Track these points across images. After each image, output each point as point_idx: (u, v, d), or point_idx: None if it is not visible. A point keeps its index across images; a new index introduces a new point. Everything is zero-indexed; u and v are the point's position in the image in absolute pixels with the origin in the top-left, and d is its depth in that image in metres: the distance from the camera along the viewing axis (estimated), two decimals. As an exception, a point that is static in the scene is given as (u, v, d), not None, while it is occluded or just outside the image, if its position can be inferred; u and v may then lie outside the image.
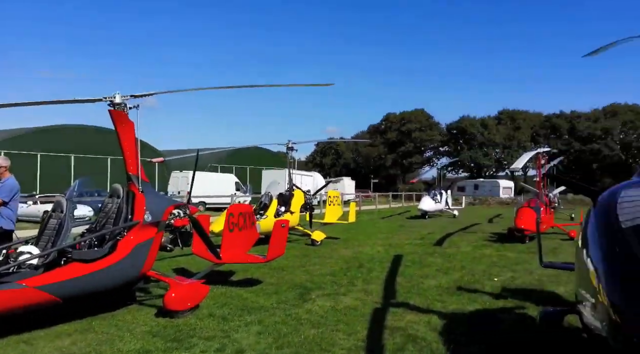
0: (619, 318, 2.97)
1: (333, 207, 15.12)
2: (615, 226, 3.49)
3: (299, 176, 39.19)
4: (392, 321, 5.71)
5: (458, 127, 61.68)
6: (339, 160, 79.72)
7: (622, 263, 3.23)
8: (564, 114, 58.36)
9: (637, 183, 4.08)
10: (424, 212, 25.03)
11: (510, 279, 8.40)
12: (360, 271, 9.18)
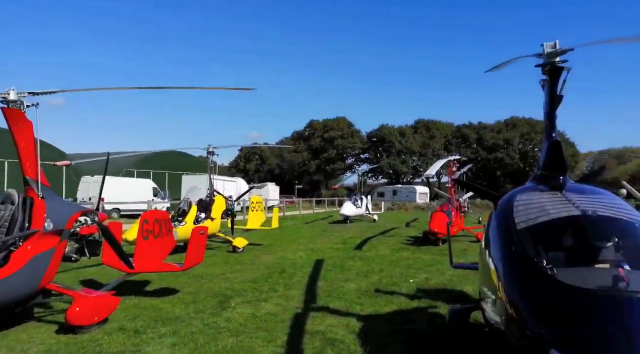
0: (515, 313, 3.24)
1: (256, 213, 14.93)
2: (511, 227, 3.81)
3: (222, 181, 38.26)
4: (312, 325, 5.74)
5: (378, 135, 64.13)
6: (262, 166, 79.10)
7: (517, 262, 3.54)
8: (472, 125, 63.21)
9: (530, 188, 4.50)
10: (346, 217, 25.64)
11: (424, 280, 8.84)
12: (282, 276, 9.14)
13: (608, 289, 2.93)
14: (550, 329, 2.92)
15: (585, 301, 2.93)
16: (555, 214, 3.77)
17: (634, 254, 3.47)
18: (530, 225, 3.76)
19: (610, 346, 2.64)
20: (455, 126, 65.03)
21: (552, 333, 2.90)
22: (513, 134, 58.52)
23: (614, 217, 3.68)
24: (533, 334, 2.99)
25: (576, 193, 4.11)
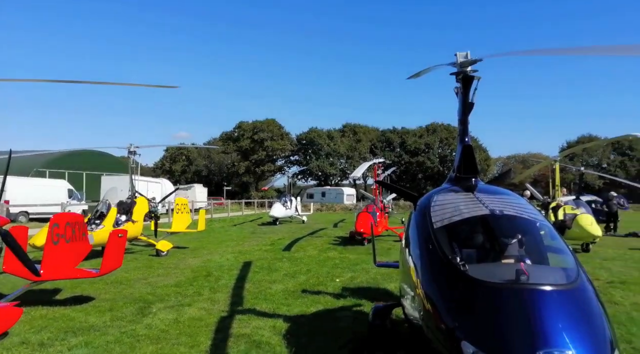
0: (431, 308, 3.43)
1: (181, 215, 14.39)
2: (428, 226, 4.03)
3: (145, 182, 36.46)
4: (238, 328, 5.66)
5: (307, 137, 64.71)
6: (190, 167, 76.49)
7: (432, 259, 3.75)
8: (396, 129, 65.97)
9: (446, 189, 4.79)
10: (275, 218, 25.55)
11: (350, 279, 9.05)
12: (207, 280, 8.90)
13: (512, 283, 3.18)
14: (462, 323, 3.12)
15: (492, 294, 3.18)
16: (467, 213, 4.04)
17: (534, 250, 3.83)
18: (444, 224, 4.00)
19: (516, 335, 2.87)
20: (380, 131, 67.40)
21: (463, 326, 3.10)
22: (433, 138, 61.89)
23: (518, 216, 4.03)
24: (447, 328, 3.18)
25: (486, 194, 4.45)
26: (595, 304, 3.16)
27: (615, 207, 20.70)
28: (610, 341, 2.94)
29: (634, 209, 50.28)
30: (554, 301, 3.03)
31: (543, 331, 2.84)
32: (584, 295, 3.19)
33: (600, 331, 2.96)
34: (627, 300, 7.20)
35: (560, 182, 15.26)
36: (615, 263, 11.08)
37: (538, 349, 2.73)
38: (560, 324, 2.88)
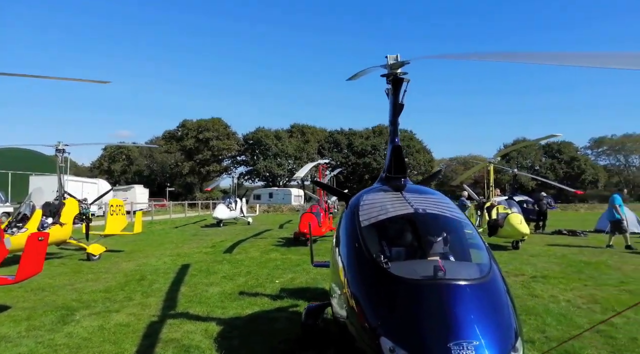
0: (355, 306, 3.47)
1: (116, 217, 13.72)
2: (355, 225, 4.08)
3: (80, 183, 34.54)
4: (167, 333, 5.45)
5: (254, 137, 63.99)
6: (130, 166, 73.31)
7: (357, 258, 3.79)
8: (343, 131, 66.84)
9: (376, 188, 4.88)
10: (219, 220, 25.02)
11: (290, 280, 9.00)
12: (140, 284, 8.53)
13: (429, 279, 3.28)
14: (381, 319, 3.18)
15: (409, 290, 3.26)
16: (393, 212, 4.13)
17: (453, 247, 3.98)
18: (371, 223, 4.07)
19: (429, 328, 2.96)
20: (328, 132, 68.00)
21: (382, 322, 3.16)
22: (379, 140, 63.28)
23: (440, 215, 4.17)
24: (368, 324, 3.22)
25: (413, 193, 4.57)
26: (503, 297, 3.32)
27: (544, 207, 22.07)
28: (515, 330, 3.10)
29: (562, 208, 54.13)
30: (465, 295, 3.15)
31: (454, 323, 2.95)
32: (494, 288, 3.34)
33: (506, 321, 3.11)
34: (547, 293, 7.69)
35: (496, 183, 16.11)
36: (540, 259, 11.81)
37: (449, 340, 2.83)
38: (470, 316, 3.00)
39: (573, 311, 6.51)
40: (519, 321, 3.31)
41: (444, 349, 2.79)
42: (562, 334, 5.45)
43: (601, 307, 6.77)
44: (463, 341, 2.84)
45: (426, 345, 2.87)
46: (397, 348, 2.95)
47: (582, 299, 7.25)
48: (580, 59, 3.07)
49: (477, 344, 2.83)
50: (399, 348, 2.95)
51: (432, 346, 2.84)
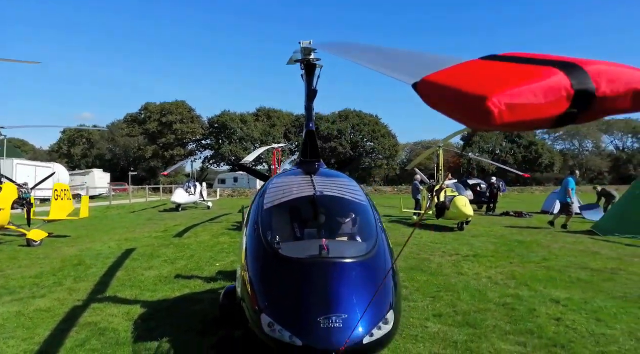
0: (249, 286, 3.60)
1: (61, 201, 13.39)
2: (258, 207, 4.21)
3: (33, 167, 33.29)
4: (88, 317, 5.48)
5: (219, 121, 62.97)
6: (91, 150, 71.00)
7: (254, 239, 3.93)
8: (310, 115, 66.66)
9: (289, 172, 5.03)
10: (177, 204, 24.77)
11: (230, 263, 9.09)
12: (76, 269, 8.45)
13: (313, 258, 3.45)
14: (264, 297, 3.34)
15: (292, 269, 3.43)
16: (294, 195, 4.28)
17: (345, 227, 4.17)
18: (272, 205, 4.21)
19: (303, 304, 3.14)
20: (294, 115, 67.65)
21: (264, 299, 3.32)
22: (345, 125, 63.53)
23: (340, 197, 4.35)
24: (254, 302, 3.38)
25: (323, 177, 4.73)
26: (382, 273, 3.53)
27: (495, 190, 22.92)
28: (390, 303, 3.31)
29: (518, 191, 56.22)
30: (342, 272, 3.35)
31: (326, 298, 3.14)
32: (373, 265, 3.54)
33: (379, 295, 3.30)
34: (472, 271, 8.10)
35: (457, 167, 16.52)
36: (479, 239, 12.34)
37: (319, 314, 3.02)
38: (342, 292, 3.20)
39: (489, 287, 6.91)
40: (397, 295, 3.54)
41: (314, 322, 2.98)
42: (470, 307, 5.80)
43: (516, 282, 7.21)
44: (332, 315, 3.03)
45: (297, 319, 3.05)
46: (275, 323, 3.12)
47: (502, 276, 7.68)
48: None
49: (345, 317, 3.03)
50: (275, 323, 3.12)
51: (303, 319, 3.02)
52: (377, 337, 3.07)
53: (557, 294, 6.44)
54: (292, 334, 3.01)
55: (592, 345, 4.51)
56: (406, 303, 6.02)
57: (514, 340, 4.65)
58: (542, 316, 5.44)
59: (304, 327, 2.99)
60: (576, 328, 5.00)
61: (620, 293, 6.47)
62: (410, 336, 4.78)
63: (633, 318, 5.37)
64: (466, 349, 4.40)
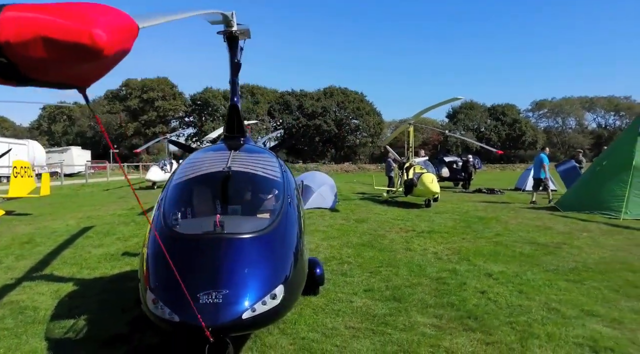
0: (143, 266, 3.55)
1: (21, 179, 13.17)
2: (168, 184, 4.14)
3: (6, 144, 32.66)
4: (14, 295, 5.42)
5: (202, 98, 62.05)
6: (72, 127, 69.76)
7: (157, 216, 3.85)
8: (294, 92, 65.91)
9: (210, 148, 4.94)
10: (153, 182, 24.61)
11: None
12: (22, 247, 8.35)
13: (205, 234, 3.40)
14: (153, 275, 3.30)
15: (181, 245, 3.38)
16: (204, 171, 4.21)
17: (248, 204, 4.12)
18: (178, 182, 4.14)
19: (185, 280, 3.09)
20: (279, 93, 66.87)
21: (152, 276, 3.28)
22: (330, 102, 63.03)
23: (251, 174, 4.28)
24: (146, 282, 3.33)
25: (244, 152, 4.66)
26: (278, 248, 3.50)
27: (470, 168, 23.07)
28: (285, 278, 3.29)
29: (500, 168, 56.80)
30: (231, 248, 3.31)
31: (208, 274, 3.11)
32: (269, 240, 3.50)
33: (269, 270, 3.28)
34: (421, 247, 8.15)
35: (443, 145, 16.35)
36: (442, 216, 12.42)
37: (199, 290, 2.98)
38: (227, 267, 3.17)
39: (432, 262, 6.96)
40: (296, 270, 3.53)
41: (193, 298, 2.95)
42: (403, 282, 5.85)
43: (459, 257, 7.28)
44: (213, 291, 3.00)
45: (177, 296, 3.01)
46: (158, 300, 3.09)
47: (448, 251, 7.75)
48: None
49: (226, 292, 3.00)
50: (159, 300, 3.09)
51: (183, 296, 2.98)
52: (259, 312, 3.05)
53: (494, 268, 6.52)
54: (172, 311, 2.99)
55: (504, 316, 4.57)
56: (343, 279, 6.05)
57: (432, 313, 4.71)
58: (469, 289, 5.51)
59: (182, 303, 2.96)
60: (497, 300, 5.07)
61: (554, 266, 6.57)
62: (333, 310, 4.80)
63: (555, 289, 5.46)
64: (382, 323, 4.44)
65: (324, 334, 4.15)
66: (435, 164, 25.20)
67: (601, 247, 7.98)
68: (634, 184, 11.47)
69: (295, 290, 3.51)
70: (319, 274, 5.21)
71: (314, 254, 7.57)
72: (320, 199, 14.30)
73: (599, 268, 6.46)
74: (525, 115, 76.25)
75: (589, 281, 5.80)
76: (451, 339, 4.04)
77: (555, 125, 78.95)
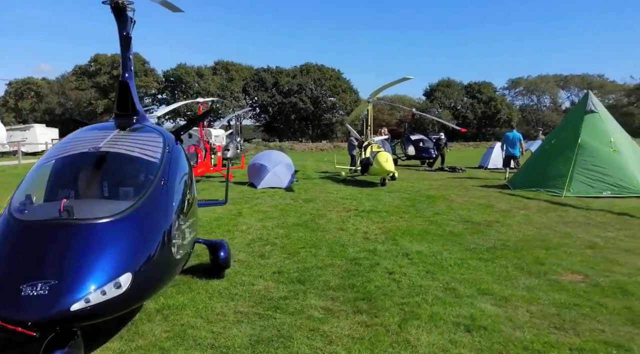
0: None
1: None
2: (36, 164, 3.94)
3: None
4: None
5: (175, 74, 60.43)
6: (40, 104, 67.45)
7: (8, 203, 3.64)
8: (270, 69, 64.74)
9: (94, 126, 4.72)
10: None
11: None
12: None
13: (49, 220, 3.21)
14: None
15: (16, 233, 3.19)
16: (71, 151, 4.01)
17: (108, 187, 3.93)
18: (41, 163, 3.94)
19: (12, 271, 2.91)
20: (254, 69, 65.64)
21: None
22: (306, 79, 62.20)
23: (124, 155, 4.07)
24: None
25: (128, 133, 4.44)
26: (130, 234, 3.32)
27: (443, 147, 23.06)
28: (128, 267, 3.13)
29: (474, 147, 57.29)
30: (71, 234, 3.13)
31: (36, 264, 2.94)
32: (122, 226, 3.32)
33: (108, 258, 3.11)
34: (354, 227, 8.11)
35: (419, 123, 16.20)
36: (392, 195, 12.41)
37: (22, 282, 2.82)
38: (61, 256, 3.00)
39: (357, 243, 6.93)
40: (156, 257, 3.39)
41: (15, 290, 2.78)
42: (317, 264, 5.79)
43: (386, 237, 7.28)
44: (38, 282, 2.81)
45: (2, 286, 2.85)
46: None
47: (379, 231, 7.74)
48: None
49: (54, 283, 2.83)
50: None
51: (5, 289, 2.82)
52: (95, 302, 2.89)
53: (415, 248, 6.53)
54: None
55: (399, 297, 4.56)
56: (258, 261, 5.97)
57: (330, 295, 4.67)
58: (379, 270, 5.49)
59: (4, 297, 2.79)
60: (400, 281, 5.07)
61: (474, 245, 6.61)
62: (230, 294, 4.71)
63: (464, 269, 5.49)
64: (273, 307, 4.38)
65: (208, 320, 4.07)
66: (402, 143, 25.25)
67: (531, 224, 8.08)
68: (578, 162, 11.62)
69: (152, 279, 3.36)
70: (222, 257, 5.11)
71: (244, 236, 7.49)
72: (275, 178, 14.16)
73: (516, 246, 6.53)
74: (502, 93, 76.73)
75: (500, 260, 5.86)
76: (335, 322, 4.00)
77: (530, 103, 79.77)
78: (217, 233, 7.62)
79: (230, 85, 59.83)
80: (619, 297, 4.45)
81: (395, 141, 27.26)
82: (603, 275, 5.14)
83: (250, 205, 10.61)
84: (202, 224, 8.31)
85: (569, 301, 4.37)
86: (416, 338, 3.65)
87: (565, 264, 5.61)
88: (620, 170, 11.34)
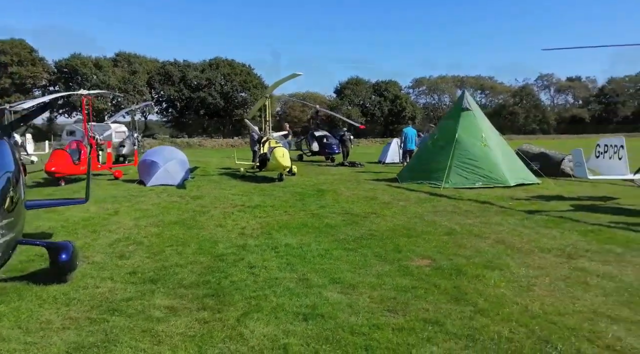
0: None
1: None
2: None
3: None
4: None
5: (68, 65, 55.37)
6: None
7: None
8: (177, 62, 61.98)
9: None
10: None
11: None
12: None
13: None
14: None
15: None
16: None
17: None
18: None
19: None
20: (160, 62, 62.43)
21: None
22: (215, 74, 60.50)
23: None
24: None
25: None
26: None
27: (347, 143, 23.58)
28: None
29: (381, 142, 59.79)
30: None
31: None
32: None
33: None
34: (234, 222, 7.95)
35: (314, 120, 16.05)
36: (285, 190, 12.43)
37: None
38: None
39: (230, 238, 6.80)
40: None
41: None
42: (180, 262, 5.57)
43: (262, 231, 7.24)
44: None
45: None
46: None
47: (258, 226, 7.67)
48: None
49: None
50: None
51: None
52: None
53: (287, 241, 6.56)
54: None
55: (250, 291, 4.52)
56: (116, 262, 5.60)
57: (179, 294, 4.50)
58: (241, 265, 5.42)
59: None
60: (259, 275, 5.04)
61: (344, 236, 6.81)
62: (67, 299, 4.34)
63: (326, 259, 5.61)
64: (111, 309, 4.10)
65: (26, 330, 3.69)
66: (307, 139, 25.52)
67: (404, 215, 8.53)
68: (455, 156, 12.54)
69: None
70: (63, 260, 4.70)
71: (112, 235, 7.01)
72: (166, 175, 13.52)
73: (383, 235, 6.83)
74: (407, 91, 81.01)
75: (363, 249, 6.07)
76: (174, 321, 3.85)
77: (432, 101, 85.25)
78: (80, 234, 7.04)
79: (134, 79, 56.26)
80: (452, 278, 4.82)
81: (301, 137, 27.53)
82: (448, 259, 5.54)
83: (131, 203, 10.00)
84: (66, 225, 7.67)
85: (409, 285, 4.63)
86: (251, 331, 3.62)
87: (420, 250, 5.96)
88: (490, 163, 12.44)
